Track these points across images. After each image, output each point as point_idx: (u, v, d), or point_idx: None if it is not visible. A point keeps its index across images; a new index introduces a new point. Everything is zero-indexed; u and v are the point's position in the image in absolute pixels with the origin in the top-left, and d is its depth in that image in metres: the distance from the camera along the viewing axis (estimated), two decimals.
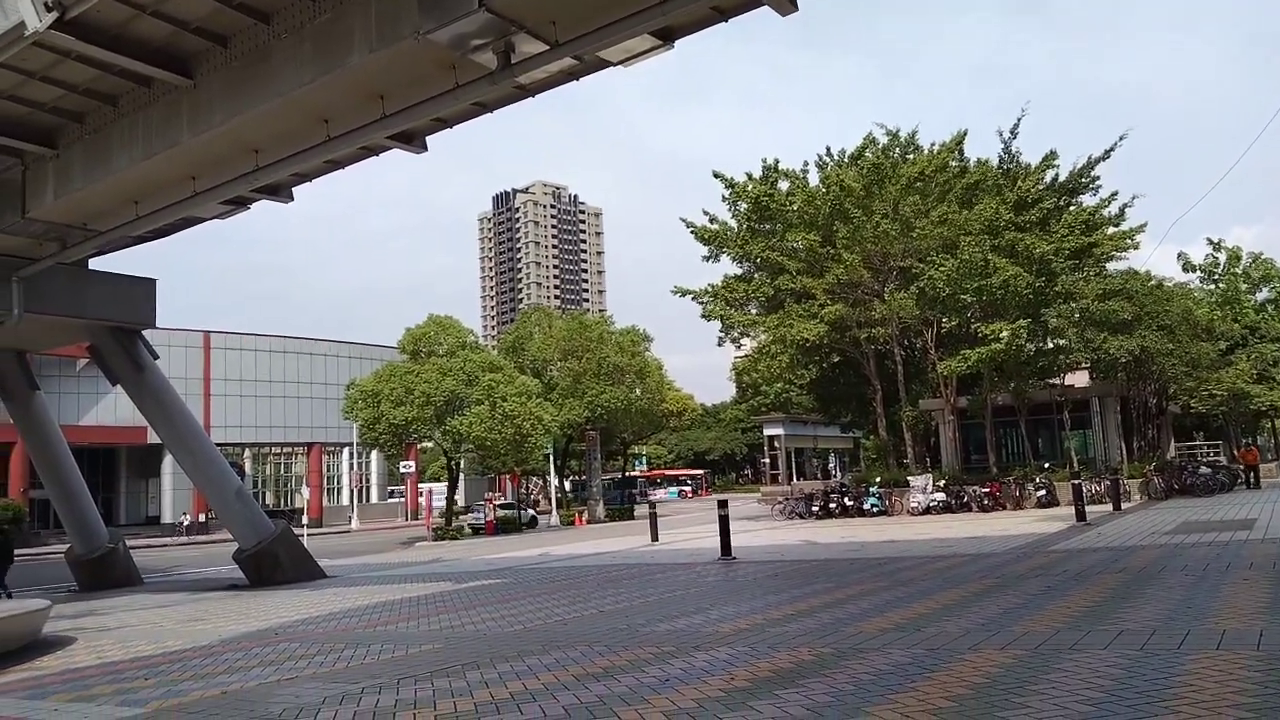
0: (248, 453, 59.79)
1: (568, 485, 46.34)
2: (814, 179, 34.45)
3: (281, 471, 64.17)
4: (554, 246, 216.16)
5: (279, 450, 62.86)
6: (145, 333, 21.97)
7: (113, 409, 49.07)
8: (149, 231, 20.23)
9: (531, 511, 46.67)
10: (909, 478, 30.20)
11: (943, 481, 29.39)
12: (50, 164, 17.66)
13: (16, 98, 16.15)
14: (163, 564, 29.77)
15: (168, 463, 52.41)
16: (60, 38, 13.10)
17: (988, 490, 28.10)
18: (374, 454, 61.61)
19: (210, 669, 8.64)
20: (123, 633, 12.37)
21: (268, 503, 57.92)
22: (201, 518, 51.93)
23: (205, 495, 24.59)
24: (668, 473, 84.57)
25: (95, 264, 21.87)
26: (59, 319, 20.87)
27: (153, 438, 34.70)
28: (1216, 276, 46.59)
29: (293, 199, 18.94)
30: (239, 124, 14.72)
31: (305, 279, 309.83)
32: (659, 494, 71.54)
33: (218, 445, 23.69)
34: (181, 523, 52.13)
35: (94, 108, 16.70)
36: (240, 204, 19.10)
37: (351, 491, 61.67)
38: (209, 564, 28.35)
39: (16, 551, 39.98)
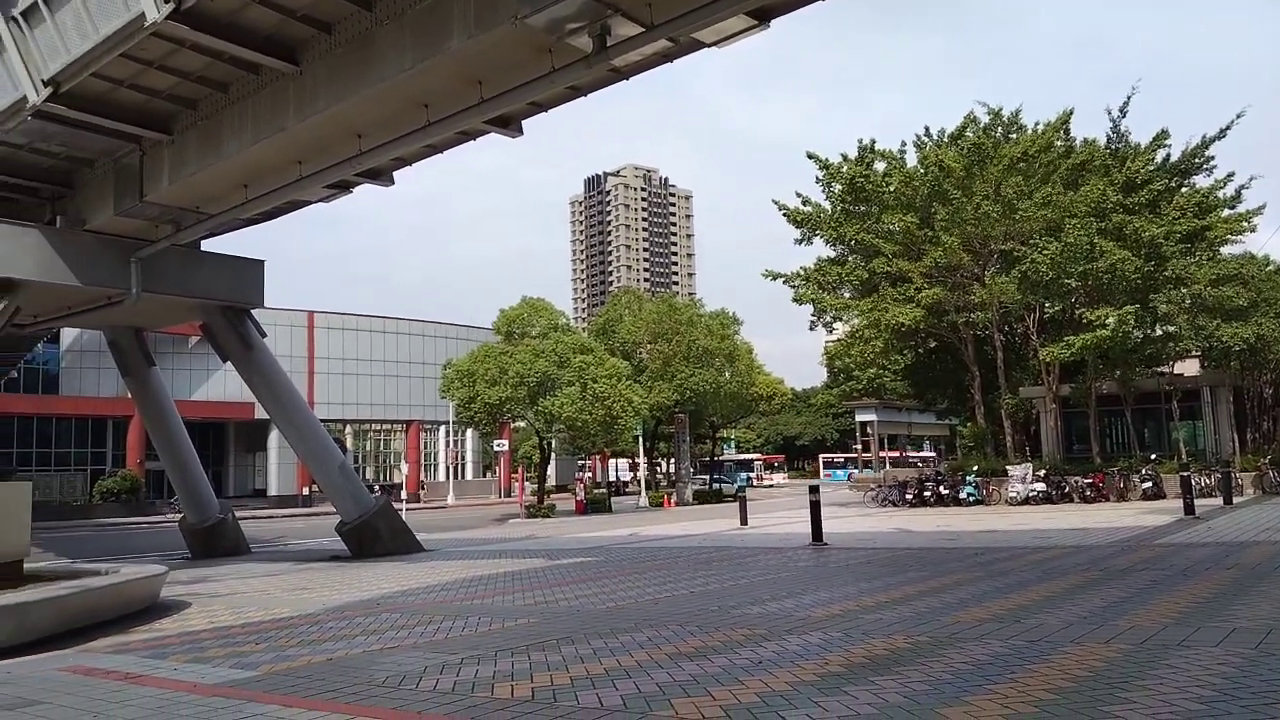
0: (349, 429, 61.60)
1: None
2: (911, 159, 33.72)
3: (381, 448, 65.98)
4: (644, 229, 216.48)
5: (379, 427, 64.60)
6: (253, 312, 22.80)
7: (222, 385, 51.16)
8: (257, 214, 20.97)
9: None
10: (1007, 467, 29.46)
11: (1043, 471, 28.59)
12: (166, 149, 18.42)
13: (136, 86, 16.88)
14: (268, 534, 30.96)
15: (274, 437, 54.37)
16: (176, 27, 13.62)
17: (1090, 481, 27.26)
18: (469, 432, 62.88)
19: (317, 636, 8.98)
20: (233, 599, 12.93)
21: (368, 478, 59.61)
22: (305, 491, 53.74)
23: (309, 469, 25.44)
24: (741, 457, 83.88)
25: (206, 246, 22.77)
26: (173, 298, 21.78)
27: (260, 413, 36.01)
28: None
29: (393, 182, 19.38)
30: (342, 109, 15.12)
31: (402, 261, 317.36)
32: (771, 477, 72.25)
33: (321, 421, 24.46)
34: (306, 493, 53.86)
35: (206, 95, 17.34)
36: (343, 188, 19.65)
37: (448, 468, 63.07)
38: (312, 536, 29.36)
39: (135, 520, 42.17)
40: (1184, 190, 31.64)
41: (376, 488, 44.70)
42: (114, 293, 20.57)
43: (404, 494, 40.79)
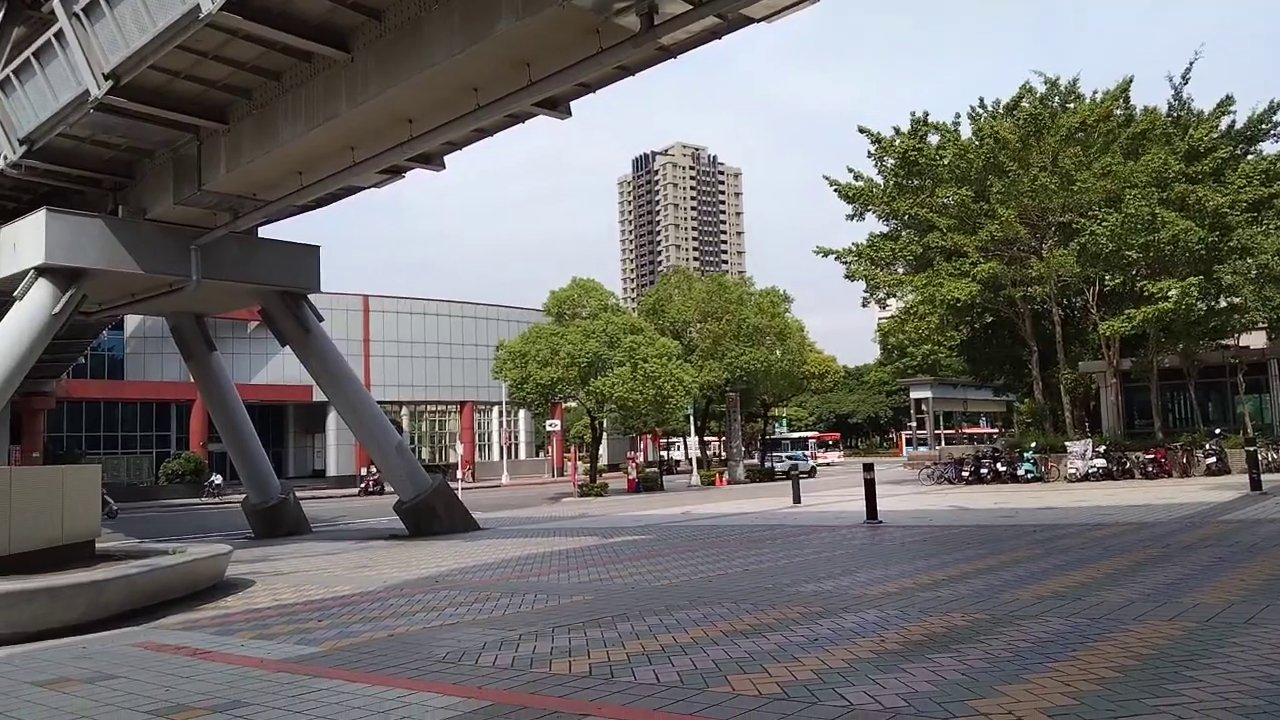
0: (405, 410, 62.46)
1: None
2: (966, 132, 33.09)
3: (436, 428, 66.81)
4: (693, 208, 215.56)
5: (434, 408, 65.41)
6: (310, 296, 23.17)
7: (281, 368, 52.18)
8: (312, 200, 21.26)
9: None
10: (1066, 443, 28.96)
11: (1103, 447, 28.07)
12: (222, 138, 18.73)
13: (192, 77, 17.17)
14: (328, 514, 31.57)
15: (331, 419, 55.39)
16: (229, 18, 13.81)
17: (1152, 457, 26.71)
18: (521, 413, 63.43)
19: (378, 613, 9.16)
20: (296, 577, 13.22)
21: (424, 458, 60.42)
22: (364, 471, 54.66)
23: (367, 450, 25.89)
24: (794, 435, 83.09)
25: (263, 232, 23.14)
26: (232, 284, 22.19)
27: (318, 395, 36.73)
28: None
29: (444, 167, 19.50)
30: (393, 95, 15.23)
31: (454, 244, 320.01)
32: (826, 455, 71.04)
33: (378, 403, 24.82)
34: (368, 475, 54.75)
35: (260, 84, 17.58)
36: (395, 173, 19.84)
37: (501, 448, 63.70)
38: (370, 515, 29.88)
39: (200, 501, 43.40)
40: (1250, 158, 30.70)
41: (462, 467, 45.31)
42: (175, 279, 21.02)
43: (459, 473, 41.27)
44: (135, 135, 19.46)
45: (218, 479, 46.81)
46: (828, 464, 68.36)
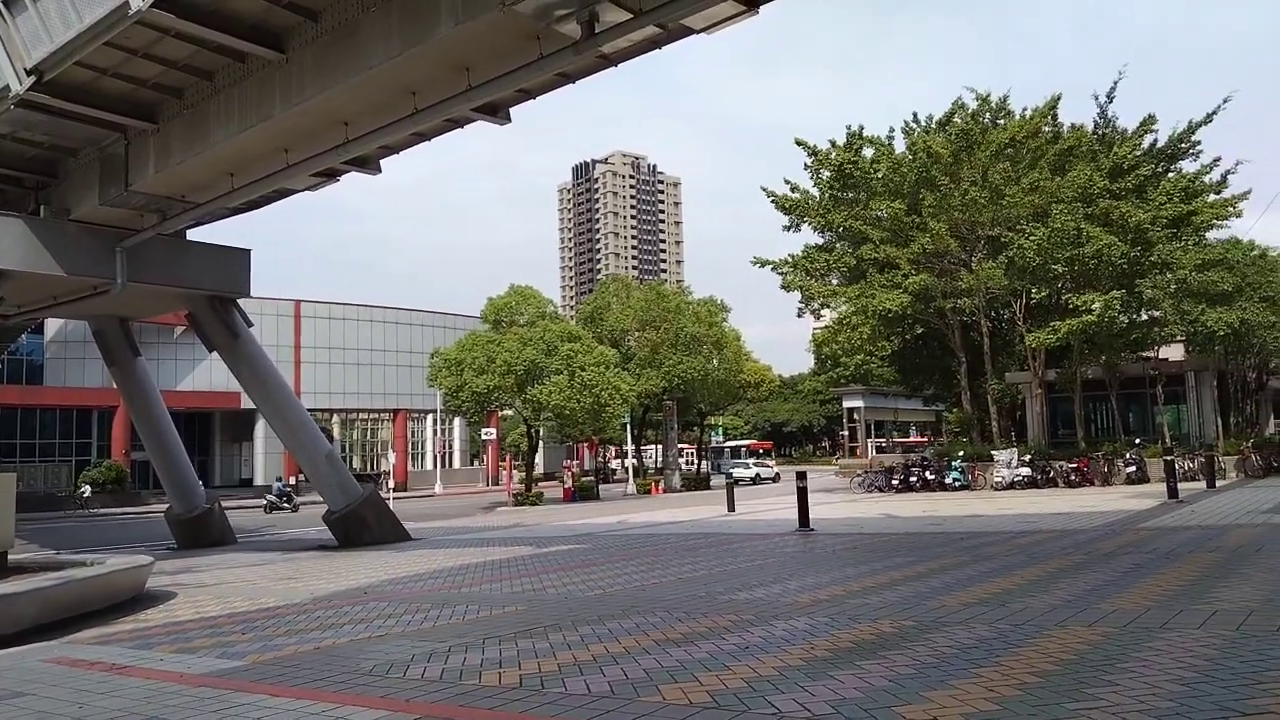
0: (336, 418, 61.46)
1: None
2: (900, 146, 33.73)
3: (368, 437, 65.84)
4: (632, 216, 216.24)
5: (366, 416, 64.47)
6: (240, 301, 22.71)
7: (208, 375, 50.93)
8: (244, 203, 20.87)
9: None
10: (993, 452, 29.63)
11: (1028, 456, 28.78)
12: (151, 138, 18.28)
13: (120, 74, 16.74)
14: (254, 524, 30.90)
15: (260, 427, 54.20)
16: (161, 15, 13.50)
17: (1075, 465, 27.45)
18: (457, 421, 62.82)
19: (304, 625, 8.98)
20: (220, 589, 12.92)
21: (355, 467, 59.49)
22: (291, 480, 53.66)
23: (296, 459, 25.40)
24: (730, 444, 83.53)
25: (192, 235, 22.64)
26: (159, 287, 21.67)
27: (246, 403, 35.92)
28: None
29: (380, 171, 19.30)
30: (329, 97, 15.03)
31: (391, 248, 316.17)
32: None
33: (308, 410, 24.40)
34: (293, 483, 53.69)
35: (192, 83, 17.21)
36: (330, 176, 19.56)
37: (435, 457, 63.01)
38: (299, 525, 29.32)
39: (121, 510, 41.97)
40: (1170, 175, 31.75)
41: (384, 478, 44.74)
42: (99, 282, 20.45)
43: (391, 483, 40.73)
44: (59, 133, 18.90)
45: (86, 490, 45.08)
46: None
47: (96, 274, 20.19)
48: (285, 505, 39.10)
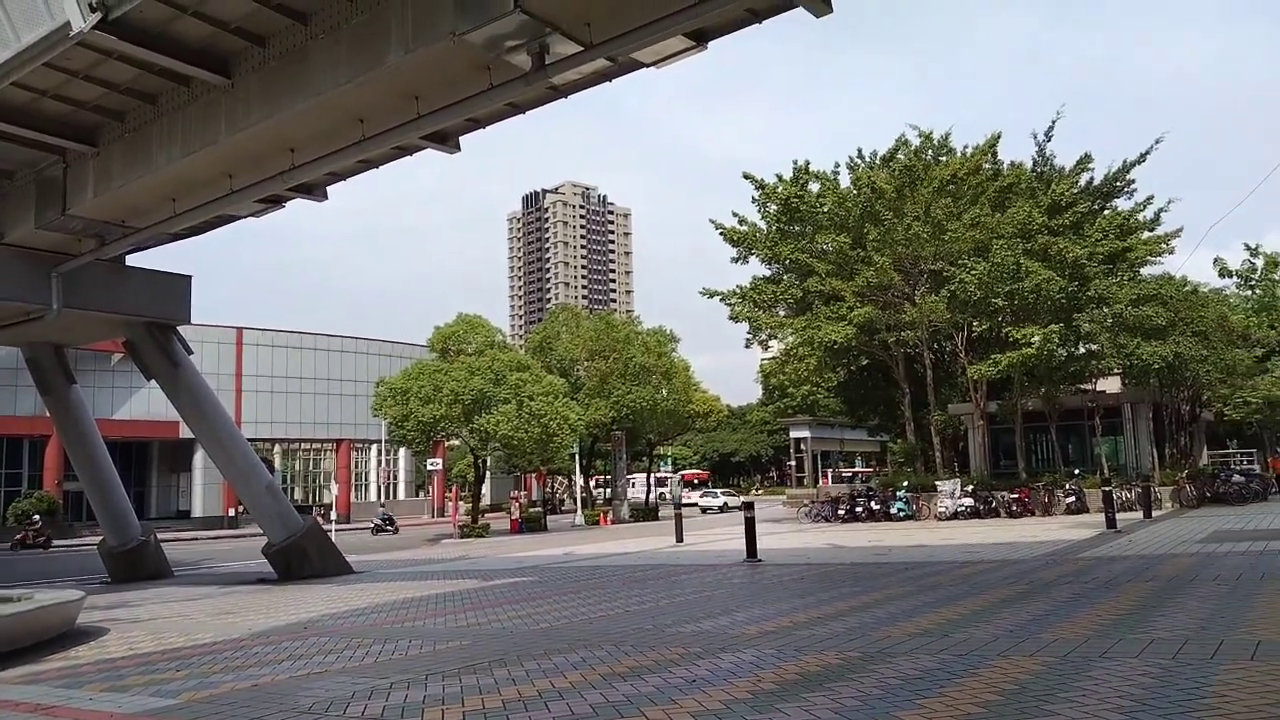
0: (278, 448, 60.35)
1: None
2: (845, 181, 34.30)
3: (310, 467, 64.70)
4: (582, 246, 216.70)
5: (308, 446, 63.40)
6: (180, 328, 22.25)
7: (145, 403, 49.70)
8: (186, 229, 20.46)
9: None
10: (937, 482, 30.01)
11: (971, 486, 29.19)
12: (91, 161, 17.92)
13: (60, 96, 16.40)
14: (192, 557, 30.13)
15: (199, 457, 52.97)
16: (103, 38, 13.27)
17: (1016, 496, 27.88)
18: (402, 451, 62.02)
19: (241, 662, 8.75)
20: (154, 624, 12.55)
21: (296, 498, 58.39)
22: (230, 512, 52.50)
23: (236, 490, 24.86)
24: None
25: (132, 260, 22.16)
26: (97, 314, 21.15)
27: (184, 432, 35.13)
28: (1253, 282, 45.80)
29: (327, 198, 19.11)
30: (276, 123, 14.87)
31: (336, 276, 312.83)
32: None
33: (249, 440, 23.93)
34: (232, 514, 52.59)
35: (134, 106, 16.93)
36: (275, 202, 19.30)
37: (379, 488, 62.08)
38: (238, 558, 28.65)
39: (53, 542, 40.46)
40: (1106, 213, 32.69)
41: (319, 510, 44.30)
42: (33, 308, 19.91)
43: (334, 514, 40.03)
44: None
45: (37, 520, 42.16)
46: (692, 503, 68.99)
47: (30, 300, 19.66)
48: (389, 528, 43.62)
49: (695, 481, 74.19)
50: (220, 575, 22.88)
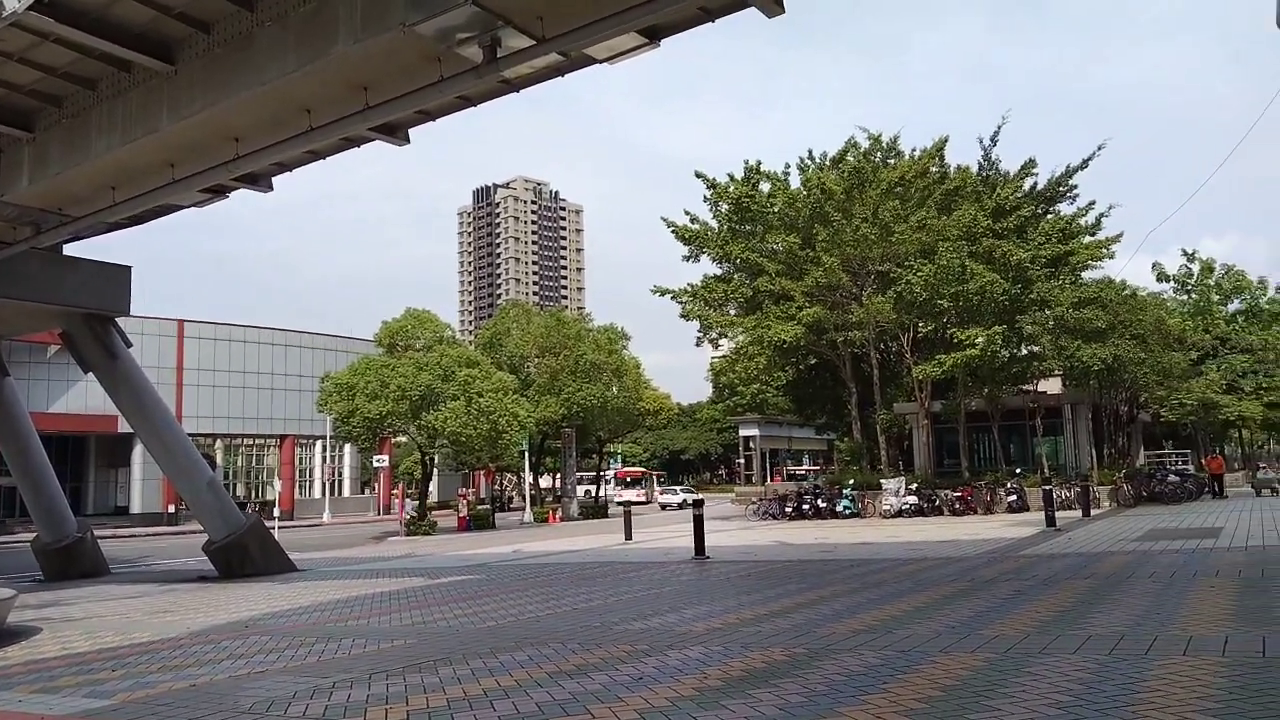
0: (219, 443, 59.20)
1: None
2: (795, 181, 34.59)
3: (253, 463, 63.59)
4: (533, 242, 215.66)
5: (251, 442, 62.30)
6: (119, 320, 21.74)
7: (83, 396, 48.45)
8: (126, 218, 20.03)
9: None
10: (882, 480, 30.38)
11: (915, 485, 29.59)
12: (26, 148, 17.44)
13: None
14: (131, 554, 29.47)
15: (138, 452, 51.81)
16: (39, 19, 12.93)
17: (959, 494, 28.32)
18: (347, 447, 61.21)
19: (179, 661, 8.57)
20: (89, 623, 12.25)
21: (239, 494, 57.35)
22: (170, 509, 51.43)
23: (176, 485, 24.34)
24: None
25: (70, 250, 21.62)
26: (31, 304, 20.63)
27: (123, 426, 34.31)
28: (1189, 287, 47.17)
29: (272, 188, 18.80)
30: (220, 111, 14.59)
31: (282, 269, 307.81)
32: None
33: (189, 435, 23.45)
34: (172, 511, 51.49)
35: (73, 91, 16.50)
36: (219, 192, 18.96)
37: (324, 485, 61.26)
38: (178, 555, 28.09)
39: None
40: (1049, 217, 33.36)
41: (253, 506, 43.22)
42: None
43: (277, 511, 39.40)
44: None
45: None
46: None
47: None
48: None
49: (628, 480, 73.50)
50: (159, 573, 22.41)
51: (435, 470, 46.54)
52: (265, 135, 15.28)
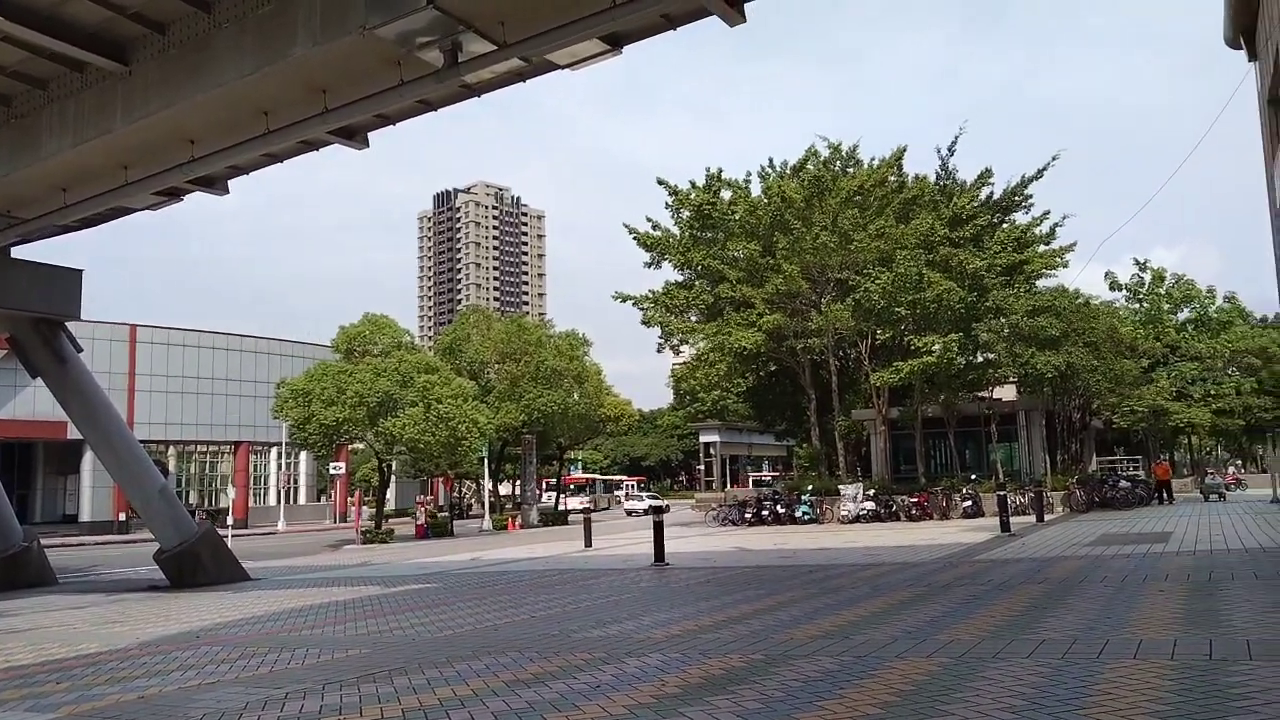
0: (172, 450, 58.22)
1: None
2: (756, 189, 34.81)
3: (207, 470, 62.58)
4: (495, 248, 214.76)
5: (205, 449, 61.33)
6: (69, 324, 21.30)
7: (31, 402, 47.37)
8: (77, 220, 19.64)
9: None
10: (840, 486, 30.61)
11: (873, 491, 29.85)
12: None
13: None
14: (80, 563, 28.85)
15: (88, 459, 50.77)
16: None
17: (916, 500, 28.61)
18: (303, 454, 60.45)
19: (127, 673, 8.39)
20: (34, 635, 11.95)
21: (192, 502, 56.41)
22: (122, 517, 50.45)
23: (127, 493, 23.90)
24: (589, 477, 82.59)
25: (18, 252, 21.13)
26: None
27: (73, 433, 33.57)
28: (1141, 296, 48.14)
29: (228, 191, 18.55)
30: (175, 113, 14.37)
31: (239, 273, 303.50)
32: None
33: (141, 442, 23.02)
34: (123, 519, 50.53)
35: (22, 91, 16.17)
36: (174, 195, 18.67)
37: (279, 492, 60.47)
38: (128, 564, 27.54)
39: None
40: (1005, 226, 33.87)
41: (200, 514, 42.48)
42: None
43: (230, 519, 38.81)
44: None
45: None
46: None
47: None
48: None
49: (572, 487, 72.53)
50: (109, 582, 21.96)
51: (393, 477, 46.13)
52: (221, 138, 15.08)
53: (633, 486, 71.40)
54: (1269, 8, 10.36)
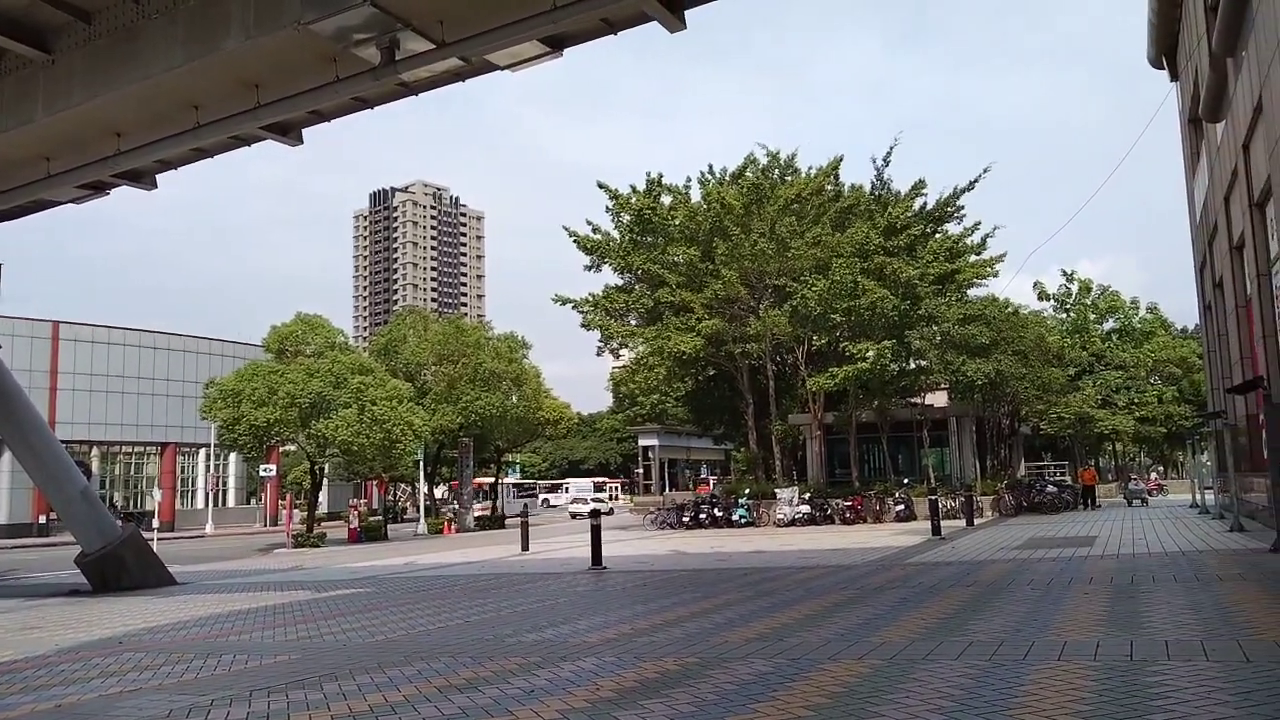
0: (96, 451, 56.56)
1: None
2: (696, 195, 35.01)
3: (132, 472, 60.91)
4: (433, 248, 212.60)
5: (130, 449, 59.69)
6: None
7: None
8: None
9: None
10: (776, 490, 30.90)
11: (808, 494, 30.18)
12: None
13: None
14: None
15: (5, 459, 48.95)
16: None
17: (850, 504, 29.00)
18: (233, 456, 59.19)
19: (44, 680, 8.11)
20: None
21: (116, 504, 54.84)
22: (41, 519, 48.86)
23: (46, 494, 23.13)
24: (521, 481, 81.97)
25: None
26: None
27: None
28: (1068, 306, 49.44)
29: (156, 186, 18.07)
30: (100, 105, 13.97)
31: (168, 270, 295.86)
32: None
33: (63, 442, 22.32)
34: (43, 522, 48.90)
35: None
36: (99, 189, 18.12)
37: (207, 494, 59.08)
38: (48, 568, 26.65)
39: None
40: (937, 236, 34.53)
41: (121, 517, 41.28)
42: None
43: (156, 522, 37.81)
44: None
45: None
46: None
47: None
48: None
49: (482, 490, 71.30)
50: (28, 587, 21.22)
51: (325, 480, 45.35)
52: (149, 131, 14.71)
53: (588, 488, 71.54)
54: (1188, 32, 10.74)
